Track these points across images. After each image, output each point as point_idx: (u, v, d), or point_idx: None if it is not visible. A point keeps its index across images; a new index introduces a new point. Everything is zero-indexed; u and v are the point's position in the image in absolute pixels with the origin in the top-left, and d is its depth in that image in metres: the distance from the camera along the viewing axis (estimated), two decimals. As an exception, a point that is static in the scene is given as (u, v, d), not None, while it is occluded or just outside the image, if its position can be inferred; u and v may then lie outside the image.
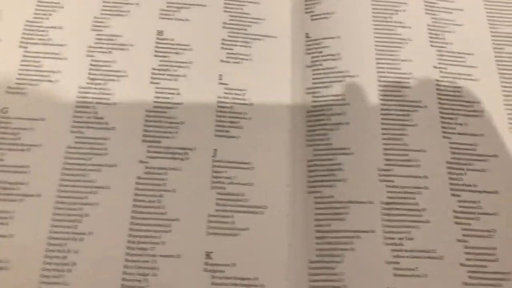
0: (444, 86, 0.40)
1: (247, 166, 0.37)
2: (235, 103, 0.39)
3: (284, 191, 0.37)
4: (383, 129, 0.38)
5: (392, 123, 0.39)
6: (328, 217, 0.36)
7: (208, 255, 0.34)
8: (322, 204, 0.36)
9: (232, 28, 0.42)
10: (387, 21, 0.43)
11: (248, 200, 0.36)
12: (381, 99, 0.39)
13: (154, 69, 0.40)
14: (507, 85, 0.41)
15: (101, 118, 0.38)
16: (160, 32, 0.42)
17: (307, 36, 0.43)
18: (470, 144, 0.38)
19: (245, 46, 0.42)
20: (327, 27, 0.42)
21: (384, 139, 0.38)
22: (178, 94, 0.39)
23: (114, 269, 0.34)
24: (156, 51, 0.41)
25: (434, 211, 0.36)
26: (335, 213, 0.36)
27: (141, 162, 0.37)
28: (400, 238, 0.35)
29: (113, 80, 0.40)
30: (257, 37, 0.42)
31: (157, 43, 0.41)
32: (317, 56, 0.41)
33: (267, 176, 0.37)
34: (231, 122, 0.39)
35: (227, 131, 0.38)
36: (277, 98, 0.40)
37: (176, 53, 0.41)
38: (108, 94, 0.39)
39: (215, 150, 0.37)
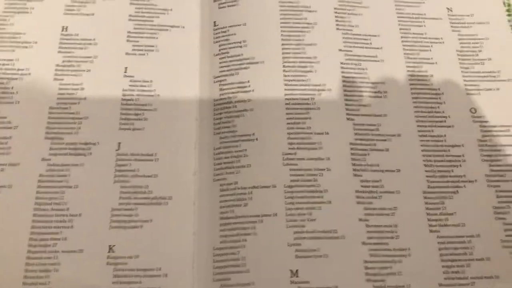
0: (348, 68, 0.41)
1: (151, 157, 0.38)
2: (140, 95, 0.40)
3: (189, 180, 0.37)
4: (287, 113, 0.39)
5: (296, 108, 0.40)
6: (232, 203, 0.37)
7: (110, 248, 0.35)
8: (226, 191, 0.37)
9: (138, 20, 0.43)
10: (293, 6, 0.43)
11: (152, 192, 0.37)
12: (286, 84, 0.40)
13: (57, 65, 0.41)
14: (412, 65, 0.42)
15: (4, 117, 0.38)
16: (64, 28, 0.42)
17: (215, 24, 0.43)
18: (374, 125, 0.40)
19: (152, 38, 0.42)
20: (234, 15, 0.43)
21: (288, 123, 0.39)
22: (82, 89, 0.39)
23: (16, 267, 0.34)
24: (60, 47, 0.41)
25: (336, 192, 0.37)
26: (239, 199, 0.36)
27: (44, 159, 0.37)
28: (302, 220, 0.36)
29: (16, 79, 0.39)
30: (164, 27, 0.43)
31: (61, 39, 0.41)
32: (224, 44, 0.42)
33: (172, 167, 0.38)
34: (135, 114, 0.39)
35: (131, 124, 0.39)
36: (184, 88, 0.41)
37: (81, 48, 0.41)
38: (11, 93, 0.39)
39: (119, 143, 0.38)
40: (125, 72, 0.40)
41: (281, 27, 0.43)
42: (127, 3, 0.43)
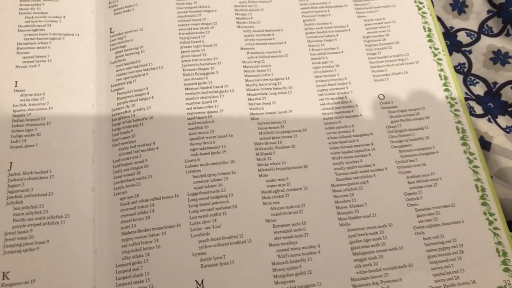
0: (251, 66, 0.41)
1: (46, 175, 0.37)
2: (32, 110, 0.39)
3: (88, 196, 0.37)
4: (188, 119, 0.39)
5: (198, 112, 0.39)
6: (134, 217, 0.36)
7: (4, 275, 0.34)
8: (127, 205, 0.36)
9: (28, 30, 0.42)
10: (191, 7, 0.43)
11: (47, 211, 0.36)
12: (186, 88, 0.40)
13: None
14: (317, 56, 0.43)
15: None
16: None
17: (111, 31, 0.42)
18: (279, 122, 0.40)
19: (43, 48, 0.41)
20: (130, 20, 0.43)
21: (190, 129, 0.39)
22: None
23: None
24: None
25: (242, 195, 0.37)
26: (140, 212, 0.36)
27: None
28: (207, 228, 0.36)
29: None
30: (57, 36, 0.42)
31: None
32: (121, 51, 0.41)
33: (68, 183, 0.37)
34: (27, 130, 0.38)
35: (23, 141, 0.38)
36: (79, 99, 0.40)
37: None
38: None
39: (11, 163, 0.37)
40: (15, 86, 0.39)
41: (179, 30, 0.42)
42: (16, 12, 0.42)
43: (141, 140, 0.38)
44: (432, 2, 0.47)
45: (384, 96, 0.41)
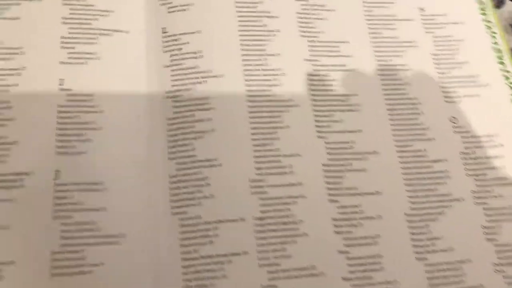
0: (317, 80, 0.39)
1: (98, 187, 0.33)
2: (81, 112, 0.35)
3: (144, 213, 0.33)
4: (252, 134, 0.36)
5: (262, 127, 0.37)
6: (196, 241, 0.33)
7: (53, 302, 0.31)
8: (188, 226, 0.33)
9: (73, 23, 0.38)
10: (252, 11, 0.40)
11: (101, 229, 0.32)
12: (249, 100, 0.37)
13: (-23, 80, 0.35)
14: (385, 73, 0.40)
15: None
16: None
17: (164, 31, 0.39)
18: (347, 142, 0.37)
19: (91, 43, 0.38)
20: (186, 21, 0.40)
21: (254, 145, 0.36)
22: (8, 107, 0.35)
23: None
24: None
25: (312, 222, 0.35)
26: (203, 235, 0.33)
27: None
28: (276, 257, 0.33)
29: None
30: (104, 32, 0.38)
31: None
32: (176, 54, 0.38)
33: (123, 198, 0.34)
34: (76, 135, 0.35)
35: (72, 147, 0.34)
36: (131, 103, 0.37)
37: (4, 59, 0.36)
38: None
39: (57, 171, 0.33)
40: (61, 84, 0.36)
41: (239, 35, 0.39)
42: (59, 3, 0.39)
43: (202, 155, 0.35)
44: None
45: (456, 119, 0.39)
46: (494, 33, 0.44)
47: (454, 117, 0.40)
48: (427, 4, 0.44)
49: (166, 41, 0.39)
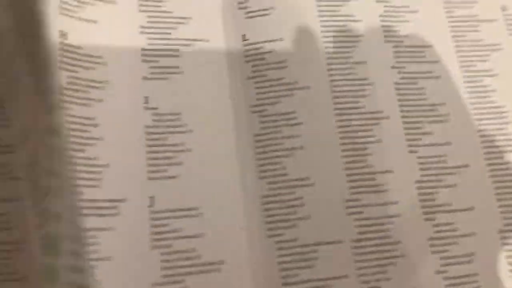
0: (404, 89, 0.37)
1: (194, 212, 0.33)
2: (168, 132, 0.34)
3: (240, 238, 0.33)
4: (342, 150, 0.35)
5: (352, 142, 0.35)
6: (294, 265, 0.32)
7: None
8: (285, 249, 0.33)
9: (152, 32, 0.36)
10: (335, 15, 0.38)
11: (200, 257, 0.32)
12: (337, 114, 0.36)
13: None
14: (471, 79, 0.39)
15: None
16: (63, 35, 0.35)
17: (244, 38, 0.37)
18: (440, 156, 0.36)
19: (175, 56, 0.36)
20: (267, 27, 0.38)
21: (346, 162, 0.35)
22: (95, 125, 0.33)
23: None
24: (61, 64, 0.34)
25: (409, 242, 0.34)
26: (302, 259, 0.32)
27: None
28: (377, 280, 0.33)
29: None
30: (184, 42, 0.37)
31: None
32: (259, 65, 0.37)
33: (218, 222, 0.33)
34: (167, 158, 0.34)
35: (164, 171, 0.33)
36: (218, 120, 0.36)
37: (85, 67, 0.34)
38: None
39: (152, 197, 0.32)
40: (146, 103, 0.34)
41: (324, 42, 0.38)
42: (135, 11, 0.37)
43: (294, 173, 0.34)
44: None
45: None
46: None
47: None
48: (509, 2, 0.42)
49: (248, 50, 0.37)
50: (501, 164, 0.37)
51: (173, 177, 0.34)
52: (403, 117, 0.37)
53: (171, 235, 0.32)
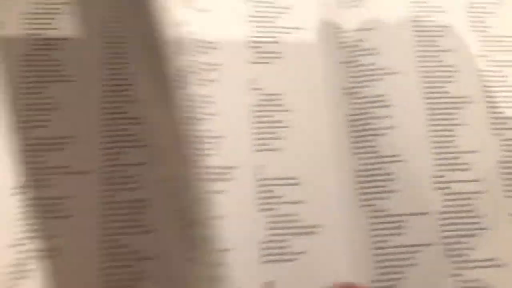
0: (490, 76, 0.40)
1: (295, 181, 0.36)
2: (273, 111, 0.38)
3: (336, 206, 0.36)
4: (430, 131, 0.38)
5: (440, 124, 0.38)
6: (385, 232, 0.36)
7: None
8: (377, 218, 0.36)
9: (258, 21, 0.40)
10: (422, 7, 0.41)
11: (301, 221, 0.36)
12: (426, 97, 0.39)
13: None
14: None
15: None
16: (182, 23, 0.39)
17: (337, 27, 0.41)
18: (522, 139, 0.38)
19: (275, 43, 0.40)
20: (359, 16, 0.41)
21: (433, 141, 0.38)
22: (211, 102, 0.37)
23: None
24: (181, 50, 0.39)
25: (492, 216, 0.36)
26: (392, 227, 0.36)
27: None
28: (460, 249, 0.35)
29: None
30: (285, 30, 0.40)
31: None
32: (353, 51, 0.40)
33: (317, 192, 0.37)
34: (271, 133, 0.37)
35: (268, 144, 0.37)
36: (314, 102, 0.39)
37: (202, 52, 0.39)
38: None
39: (258, 167, 0.36)
40: (252, 84, 0.38)
41: (413, 31, 0.40)
42: (243, 1, 0.41)
43: (385, 151, 0.38)
44: None
45: None
46: None
47: None
48: None
49: (342, 38, 0.41)
50: None
51: (276, 149, 0.37)
52: (488, 102, 0.39)
53: (275, 201, 0.36)
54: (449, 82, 0.39)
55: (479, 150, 0.38)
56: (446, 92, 0.39)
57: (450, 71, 0.40)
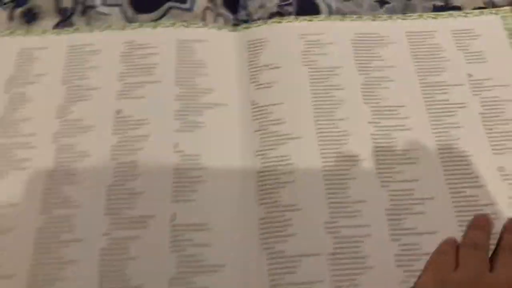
0: (379, 139, 0.44)
1: (204, 227, 0.40)
2: (190, 169, 0.43)
3: (238, 248, 0.40)
4: (326, 184, 0.42)
5: (335, 179, 0.42)
6: (281, 271, 0.39)
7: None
8: (275, 259, 0.39)
9: (184, 99, 0.46)
10: (323, 85, 0.47)
11: (206, 260, 0.39)
12: (323, 157, 0.43)
13: (113, 146, 0.44)
14: (439, 130, 0.45)
15: (68, 197, 0.42)
16: (118, 111, 0.46)
17: (253, 103, 0.46)
18: (408, 190, 0.42)
19: (198, 115, 0.45)
20: (271, 95, 0.47)
21: (328, 193, 0.41)
22: (135, 166, 0.43)
23: None
24: (114, 129, 0.45)
25: (377, 257, 0.39)
26: (288, 266, 0.39)
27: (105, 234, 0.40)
28: (347, 286, 0.38)
29: (76, 161, 0.43)
30: (208, 105, 0.46)
31: (116, 122, 0.45)
32: (263, 121, 0.45)
33: (223, 236, 0.40)
34: (188, 186, 0.42)
35: (184, 195, 0.41)
36: (228, 161, 0.44)
37: (133, 128, 0.45)
38: (73, 174, 0.42)
39: (173, 214, 0.40)
40: (175, 148, 0.43)
41: (313, 105, 0.46)
42: (172, 85, 0.47)
43: (286, 201, 0.41)
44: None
45: (504, 169, 0.43)
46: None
47: (501, 167, 0.43)
48: (474, 71, 0.48)
49: (256, 111, 0.46)
50: (464, 197, 0.42)
51: (190, 200, 0.42)
52: (376, 159, 0.44)
53: (185, 243, 0.40)
54: (343, 143, 0.44)
55: (368, 199, 0.41)
56: (339, 152, 0.43)
57: (344, 135, 0.44)
